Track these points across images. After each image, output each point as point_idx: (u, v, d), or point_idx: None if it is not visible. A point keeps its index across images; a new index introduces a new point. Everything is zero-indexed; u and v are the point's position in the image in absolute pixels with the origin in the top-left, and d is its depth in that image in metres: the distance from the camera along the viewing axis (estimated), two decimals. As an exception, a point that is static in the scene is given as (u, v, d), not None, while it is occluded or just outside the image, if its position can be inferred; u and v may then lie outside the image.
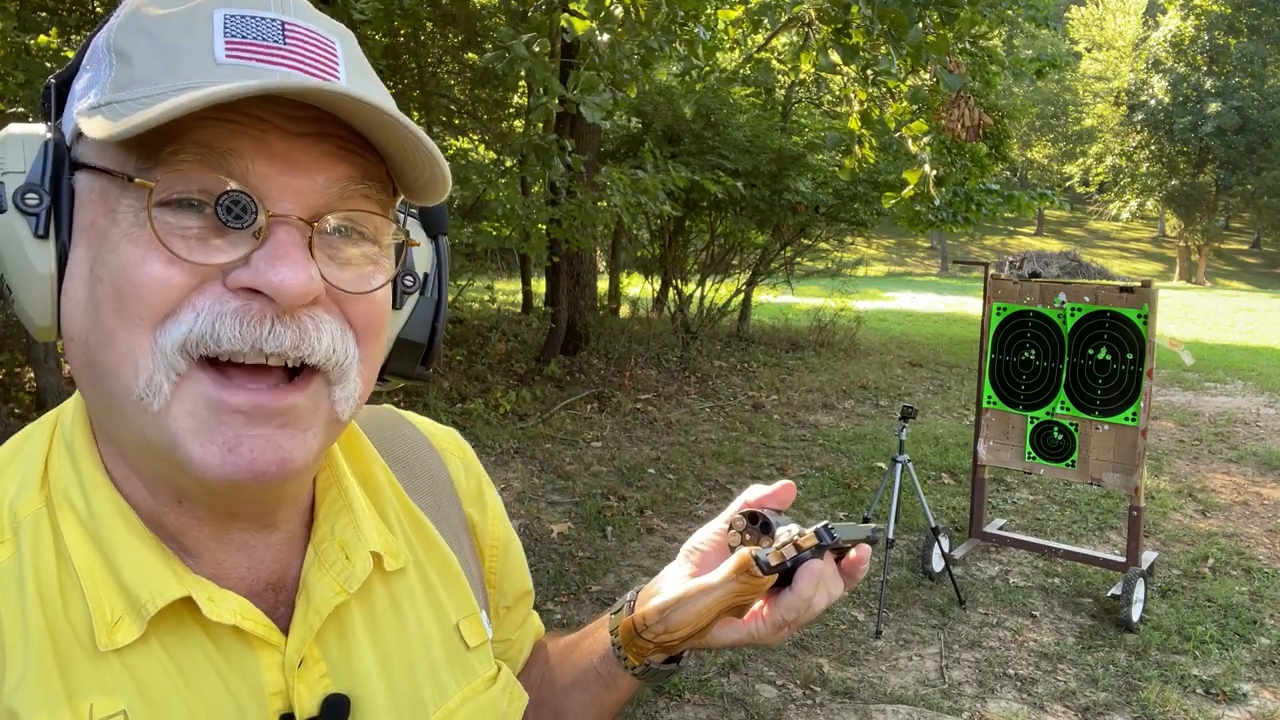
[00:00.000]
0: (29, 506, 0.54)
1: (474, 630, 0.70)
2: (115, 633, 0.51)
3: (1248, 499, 5.82)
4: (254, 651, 0.55)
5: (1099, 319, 4.11)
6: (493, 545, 0.77)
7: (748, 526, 0.71)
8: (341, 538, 0.61)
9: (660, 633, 0.69)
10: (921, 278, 33.59)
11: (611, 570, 4.40)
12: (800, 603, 0.66)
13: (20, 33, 5.25)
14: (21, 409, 6.52)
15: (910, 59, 4.93)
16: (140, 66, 0.49)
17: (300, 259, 0.49)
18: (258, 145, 0.49)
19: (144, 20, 0.51)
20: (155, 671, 0.52)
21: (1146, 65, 35.91)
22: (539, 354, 9.14)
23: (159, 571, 0.53)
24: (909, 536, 4.91)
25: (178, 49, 0.49)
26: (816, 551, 0.67)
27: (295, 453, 0.51)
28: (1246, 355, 12.82)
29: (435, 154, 0.51)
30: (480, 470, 0.79)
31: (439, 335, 0.65)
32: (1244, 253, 39.86)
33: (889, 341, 13.24)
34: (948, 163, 8.58)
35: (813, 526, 0.68)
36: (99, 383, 0.51)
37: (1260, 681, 3.52)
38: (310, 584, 0.59)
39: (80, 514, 0.54)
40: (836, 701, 3.30)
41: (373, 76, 0.56)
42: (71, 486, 0.55)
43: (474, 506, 0.76)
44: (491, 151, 10.10)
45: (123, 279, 0.48)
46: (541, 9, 5.11)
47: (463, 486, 0.76)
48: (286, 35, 0.51)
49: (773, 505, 0.72)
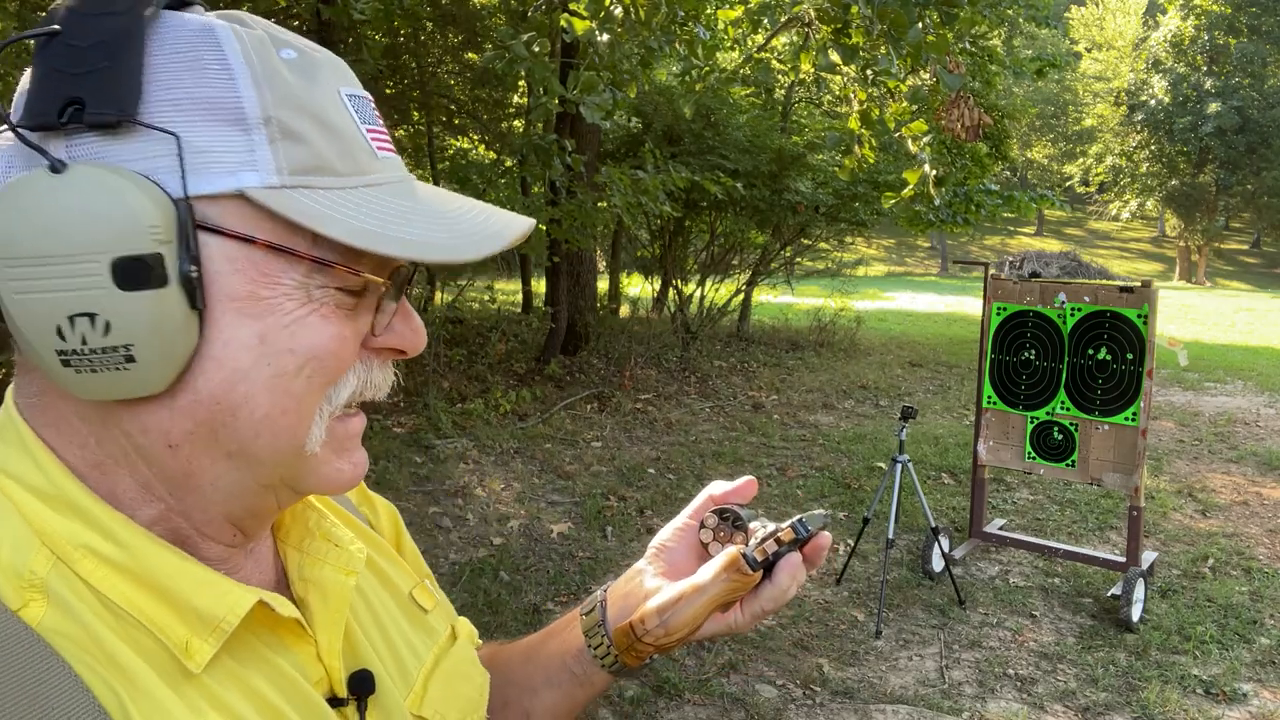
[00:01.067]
0: (41, 566, 0.49)
1: (425, 596, 0.74)
2: (191, 656, 0.51)
3: (1248, 499, 5.82)
4: (297, 643, 0.59)
5: (1099, 319, 4.11)
6: (389, 540, 0.80)
7: (719, 524, 0.74)
8: (322, 530, 0.64)
9: (660, 635, 0.71)
10: (921, 278, 33.58)
11: (611, 570, 4.40)
12: (779, 594, 0.71)
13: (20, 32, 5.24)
14: (21, 409, 6.49)
15: (910, 59, 4.93)
16: (318, 151, 0.51)
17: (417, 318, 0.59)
18: None
19: (290, 90, 0.50)
20: (240, 682, 0.54)
21: (1146, 65, 35.92)
22: (539, 354, 9.14)
23: (222, 585, 0.54)
24: (909, 536, 4.91)
25: (342, 133, 0.52)
26: (793, 545, 0.71)
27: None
28: (1246, 355, 12.82)
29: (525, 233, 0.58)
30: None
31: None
32: (1244, 253, 39.86)
33: (889, 341, 13.24)
34: (948, 163, 8.58)
35: (788, 521, 0.71)
36: (255, 440, 0.52)
37: (1260, 681, 3.52)
38: (318, 579, 0.62)
39: (111, 558, 0.51)
40: (836, 701, 3.30)
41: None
42: (84, 535, 0.51)
43: (365, 507, 0.79)
44: (491, 151, 10.11)
45: (320, 350, 0.52)
46: (541, 9, 5.11)
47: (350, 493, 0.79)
48: (375, 112, 0.56)
49: (737, 500, 0.76)
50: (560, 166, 5.49)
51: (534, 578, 4.26)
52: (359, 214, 0.51)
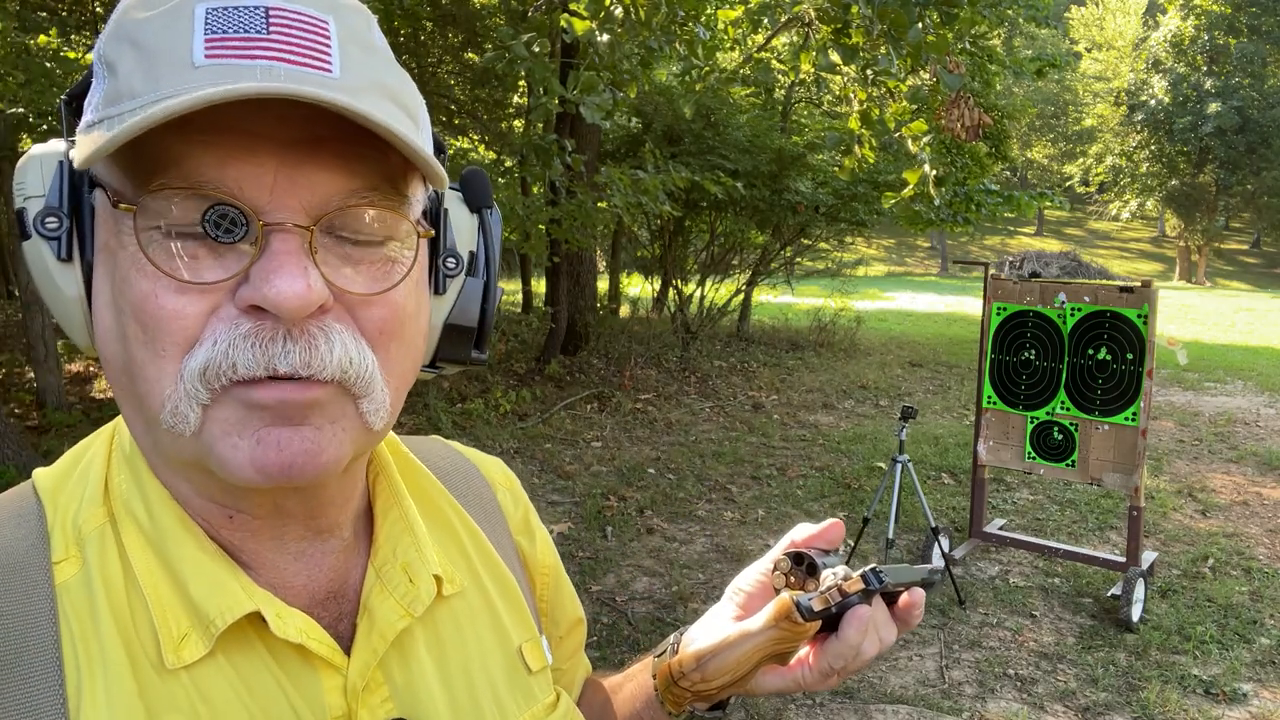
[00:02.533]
0: (94, 521, 0.53)
1: (535, 654, 0.68)
2: (182, 649, 0.50)
3: (1248, 499, 5.82)
4: (316, 672, 0.54)
5: (1099, 319, 4.11)
6: (544, 574, 0.76)
7: (792, 568, 0.68)
8: (404, 559, 0.59)
9: (697, 680, 0.66)
10: (921, 278, 33.58)
11: (611, 570, 4.40)
12: (848, 650, 0.63)
13: (20, 33, 5.25)
14: (21, 408, 6.52)
15: (910, 59, 4.93)
16: (125, 78, 0.46)
17: (296, 268, 0.46)
18: (247, 159, 0.46)
19: (128, 26, 0.48)
20: (224, 688, 0.51)
21: (1146, 65, 35.90)
22: (539, 354, 9.14)
23: (226, 585, 0.52)
24: (909, 536, 4.91)
25: (158, 53, 0.46)
26: (864, 596, 0.63)
27: (324, 445, 0.49)
28: (1246, 355, 12.82)
29: (417, 151, 0.47)
30: (527, 500, 0.78)
31: (490, 317, 0.62)
32: (1244, 253, 39.85)
33: (889, 341, 13.24)
34: (948, 162, 8.58)
35: (860, 570, 0.64)
36: (136, 407, 0.50)
37: (1260, 681, 3.52)
38: (373, 607, 0.57)
39: (144, 527, 0.53)
40: (836, 701, 3.30)
41: (378, 57, 0.52)
42: (134, 499, 0.54)
43: (523, 535, 0.75)
44: (491, 151, 10.11)
45: (143, 313, 0.47)
46: (541, 9, 5.11)
47: (511, 515, 0.75)
48: (271, 23, 0.47)
49: (820, 544, 0.69)
50: (560, 166, 5.49)
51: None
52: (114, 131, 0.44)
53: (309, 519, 0.56)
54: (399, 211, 0.52)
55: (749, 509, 5.36)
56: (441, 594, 0.62)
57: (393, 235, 0.52)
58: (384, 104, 0.48)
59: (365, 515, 0.62)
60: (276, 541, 0.55)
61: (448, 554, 0.65)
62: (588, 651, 0.85)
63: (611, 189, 6.15)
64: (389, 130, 0.46)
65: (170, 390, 0.47)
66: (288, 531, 0.56)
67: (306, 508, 0.56)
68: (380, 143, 0.48)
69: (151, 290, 0.46)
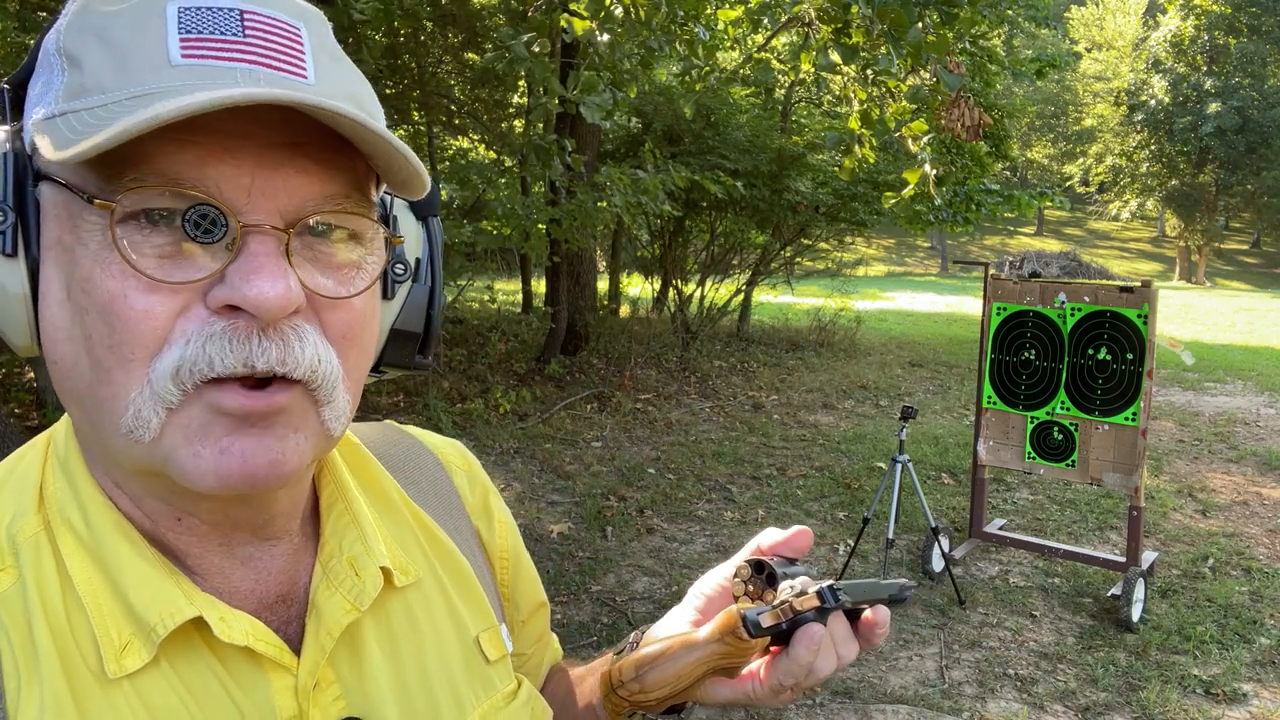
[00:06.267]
0: (28, 530, 0.52)
1: (494, 643, 0.67)
2: (124, 658, 0.50)
3: (1248, 499, 5.82)
4: (265, 673, 0.53)
5: (1099, 319, 4.11)
6: (502, 558, 0.75)
7: (752, 576, 0.65)
8: (350, 554, 0.59)
9: (635, 691, 0.63)
10: (921, 278, 33.58)
11: (611, 570, 4.40)
12: (798, 669, 0.60)
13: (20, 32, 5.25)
14: (21, 408, 6.52)
15: (910, 59, 4.93)
16: (91, 72, 0.46)
17: (276, 270, 0.46)
18: (225, 159, 0.46)
19: (94, 18, 0.47)
20: (168, 697, 0.50)
21: (1146, 65, 35.90)
22: (539, 354, 9.14)
23: (167, 591, 0.51)
24: (909, 536, 4.91)
25: (130, 50, 0.46)
26: (819, 614, 0.60)
27: (287, 455, 0.49)
28: (1246, 355, 12.82)
29: (408, 156, 0.49)
30: (486, 481, 0.77)
31: (435, 323, 0.63)
32: (1244, 253, 39.85)
33: (889, 341, 13.24)
34: (948, 162, 8.58)
35: (816, 586, 0.61)
36: (89, 410, 0.49)
37: (1260, 681, 3.52)
38: (320, 603, 0.57)
39: (80, 534, 0.52)
40: (836, 701, 3.30)
41: (346, 64, 0.53)
42: (70, 507, 0.53)
43: (481, 519, 0.74)
44: (491, 151, 10.10)
45: (111, 313, 0.46)
46: (541, 9, 5.10)
47: (469, 499, 0.74)
48: (246, 26, 0.47)
49: (786, 552, 0.66)
50: (560, 166, 5.49)
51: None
52: (88, 127, 0.44)
53: (258, 527, 0.56)
54: (369, 217, 0.53)
55: (749, 509, 5.36)
56: (393, 585, 0.61)
57: (360, 240, 0.52)
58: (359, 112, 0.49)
59: (313, 514, 0.62)
60: (224, 548, 0.55)
61: (401, 544, 0.64)
62: (588, 651, 0.85)
63: (611, 189, 6.15)
64: (381, 135, 0.47)
65: (135, 394, 0.46)
66: (236, 538, 0.55)
67: (257, 518, 0.55)
68: (350, 149, 0.50)
69: (120, 290, 0.46)
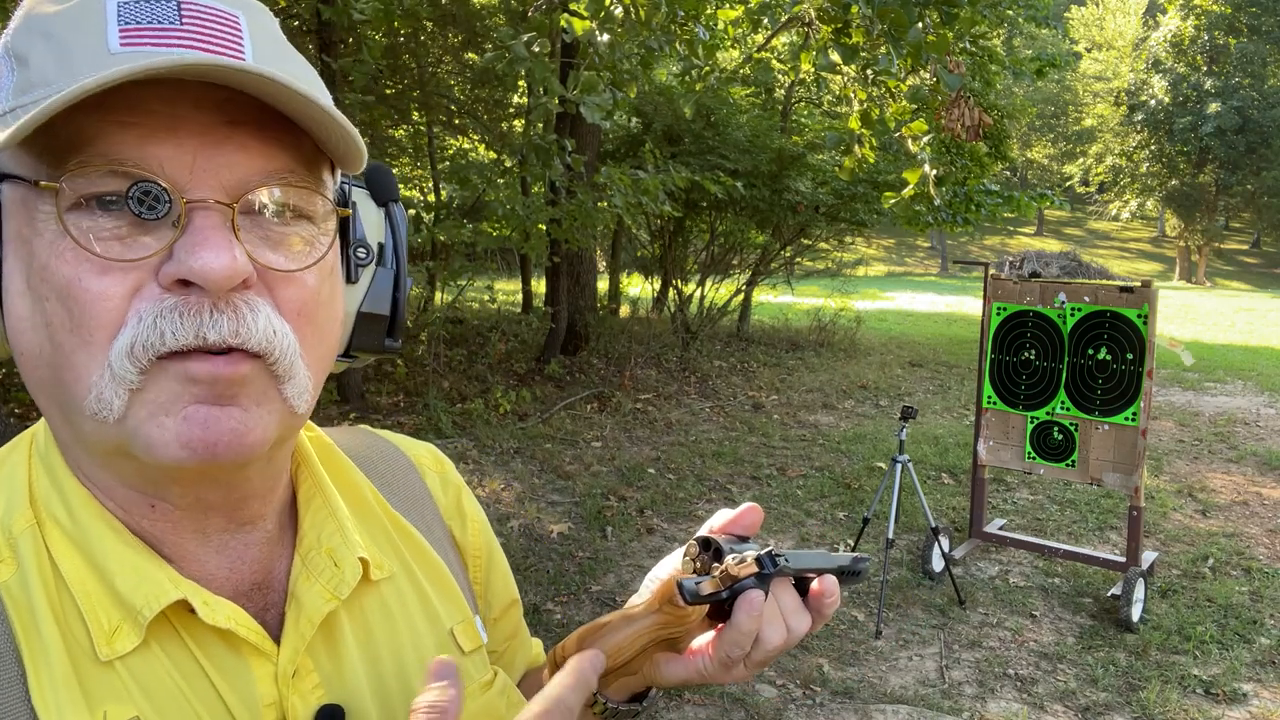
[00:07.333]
0: (22, 523, 0.54)
1: (469, 635, 0.69)
2: (115, 641, 0.51)
3: (1248, 499, 5.82)
4: (245, 660, 0.55)
5: (1099, 319, 4.11)
6: (475, 555, 0.76)
7: (699, 554, 0.63)
8: (329, 545, 0.60)
9: None
10: (921, 278, 33.58)
11: (611, 570, 4.40)
12: (741, 637, 0.58)
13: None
14: (21, 408, 6.51)
15: (910, 59, 4.93)
16: (37, 68, 0.48)
17: (221, 241, 0.47)
18: (167, 139, 0.48)
19: (38, 20, 0.50)
20: (160, 675, 0.52)
21: (1146, 65, 35.91)
22: (539, 354, 9.14)
23: (152, 575, 0.52)
24: (909, 536, 4.91)
25: (71, 43, 0.48)
26: (760, 580, 0.59)
27: (250, 425, 0.50)
28: (1246, 355, 12.82)
29: (344, 125, 0.50)
30: (459, 482, 0.78)
31: (401, 306, 0.64)
32: (1244, 253, 39.85)
33: (889, 341, 13.24)
34: (948, 162, 8.58)
35: (755, 553, 0.60)
36: (56, 396, 0.50)
37: (1260, 681, 3.52)
38: (300, 593, 0.58)
39: (66, 527, 0.54)
40: (836, 701, 3.30)
41: (288, 50, 0.55)
42: (54, 501, 0.54)
43: (454, 519, 0.75)
44: (491, 151, 10.09)
45: (69, 298, 0.47)
46: (541, 9, 5.10)
47: (441, 500, 0.75)
48: (183, 15, 0.49)
49: (737, 530, 0.65)
50: (560, 166, 5.49)
51: (534, 578, 4.26)
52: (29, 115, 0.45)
53: (231, 510, 0.56)
54: (317, 191, 0.54)
55: (749, 509, 5.35)
56: (369, 578, 0.62)
57: (310, 216, 0.53)
58: (284, 75, 0.50)
59: (290, 508, 0.63)
60: (199, 534, 0.56)
61: (374, 541, 0.65)
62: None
63: (611, 189, 6.15)
64: (313, 100, 0.48)
65: (96, 376, 0.48)
66: (210, 524, 0.56)
67: (229, 499, 0.56)
68: (294, 128, 0.51)
69: (75, 274, 0.47)
